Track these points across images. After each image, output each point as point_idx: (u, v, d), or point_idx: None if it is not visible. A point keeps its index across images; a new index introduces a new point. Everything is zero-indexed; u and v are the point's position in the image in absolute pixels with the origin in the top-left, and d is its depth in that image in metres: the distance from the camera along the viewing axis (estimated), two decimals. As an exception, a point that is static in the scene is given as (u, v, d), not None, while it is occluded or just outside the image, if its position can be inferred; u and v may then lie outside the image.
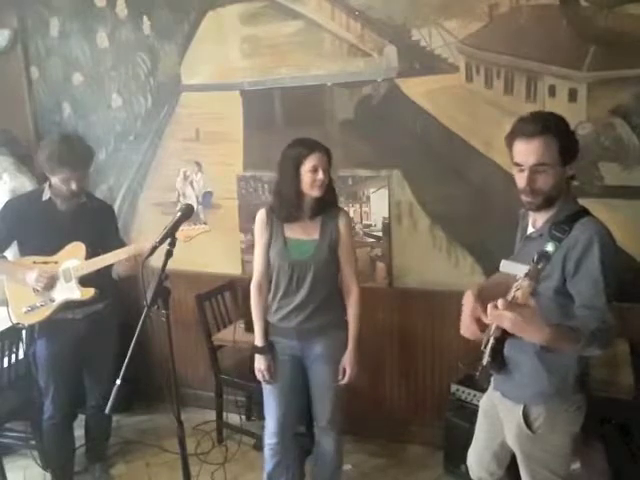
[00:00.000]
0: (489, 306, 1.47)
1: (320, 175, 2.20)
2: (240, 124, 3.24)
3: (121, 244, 2.63)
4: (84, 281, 2.51)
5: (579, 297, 1.64)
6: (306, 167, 2.20)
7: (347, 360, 2.36)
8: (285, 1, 3.00)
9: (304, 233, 2.31)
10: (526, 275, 1.47)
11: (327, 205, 2.32)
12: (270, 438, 2.45)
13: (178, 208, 1.96)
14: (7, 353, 2.78)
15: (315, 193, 2.23)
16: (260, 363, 2.38)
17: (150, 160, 3.51)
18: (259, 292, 2.39)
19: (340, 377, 2.37)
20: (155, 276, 1.82)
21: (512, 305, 1.44)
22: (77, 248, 2.51)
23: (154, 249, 1.86)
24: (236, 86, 3.20)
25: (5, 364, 2.78)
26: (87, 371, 2.76)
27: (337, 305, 2.39)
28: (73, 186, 2.48)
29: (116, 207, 3.48)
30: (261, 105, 3.17)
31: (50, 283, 2.49)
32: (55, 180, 2.49)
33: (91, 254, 2.50)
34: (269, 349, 2.38)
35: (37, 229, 2.54)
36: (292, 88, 3.07)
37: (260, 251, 2.36)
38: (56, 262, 2.51)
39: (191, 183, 3.44)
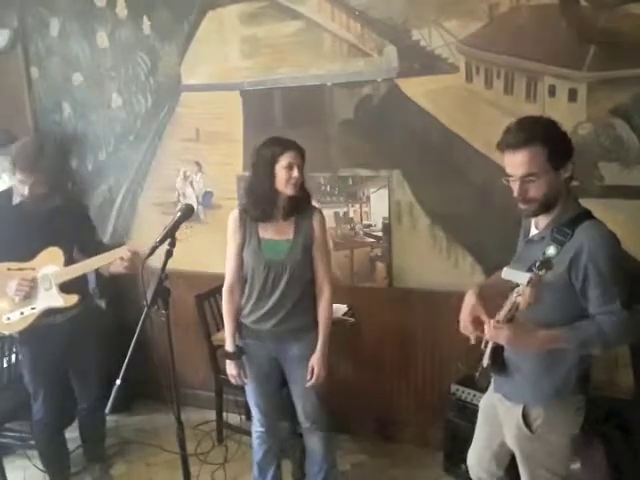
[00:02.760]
0: (486, 325, 1.62)
1: (295, 173, 2.19)
2: (240, 124, 3.24)
3: (99, 245, 2.58)
4: (62, 286, 2.45)
5: (592, 304, 1.65)
6: (281, 164, 2.18)
7: (315, 360, 2.33)
8: (285, 1, 2.99)
9: (278, 233, 2.29)
10: (528, 283, 1.50)
11: (301, 205, 2.31)
12: (257, 427, 2.51)
13: (178, 208, 1.97)
14: (7, 353, 2.78)
15: (289, 191, 2.22)
16: (231, 369, 2.38)
17: (150, 160, 3.51)
18: (231, 295, 2.37)
19: (309, 377, 2.33)
20: (155, 276, 1.82)
21: (500, 326, 1.58)
22: (54, 254, 2.43)
23: (154, 249, 1.86)
24: (236, 86, 3.20)
25: (5, 364, 2.78)
26: (72, 373, 2.73)
27: (311, 307, 2.37)
28: (25, 191, 2.38)
29: (116, 207, 3.49)
30: (261, 105, 3.16)
31: (30, 292, 2.41)
32: (16, 181, 2.41)
33: (67, 259, 2.45)
34: (239, 354, 2.38)
35: (8, 234, 2.43)
36: (292, 88, 3.07)
37: (233, 253, 2.34)
38: (33, 268, 2.42)
39: (191, 183, 3.44)
